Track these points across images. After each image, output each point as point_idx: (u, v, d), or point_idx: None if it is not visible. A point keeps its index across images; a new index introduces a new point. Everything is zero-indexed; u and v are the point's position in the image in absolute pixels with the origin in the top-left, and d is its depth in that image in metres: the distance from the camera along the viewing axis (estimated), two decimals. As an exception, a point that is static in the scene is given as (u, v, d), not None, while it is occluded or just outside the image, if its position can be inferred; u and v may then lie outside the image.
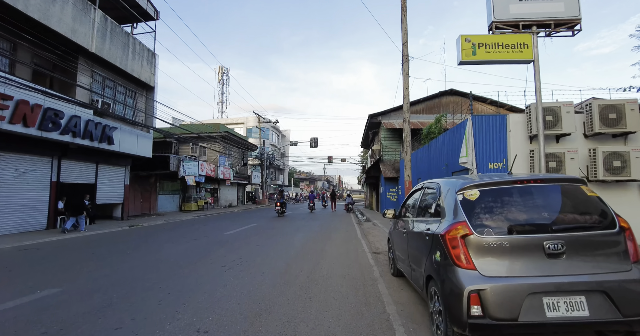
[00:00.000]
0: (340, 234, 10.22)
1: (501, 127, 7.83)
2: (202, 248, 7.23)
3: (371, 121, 21.09)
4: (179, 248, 7.21)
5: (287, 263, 5.83)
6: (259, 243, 7.95)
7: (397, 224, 4.66)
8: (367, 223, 14.77)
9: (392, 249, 5.02)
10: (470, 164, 7.72)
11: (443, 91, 20.11)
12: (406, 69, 10.25)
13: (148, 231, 10.68)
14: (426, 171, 12.44)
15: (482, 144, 7.91)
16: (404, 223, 4.31)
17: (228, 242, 8.14)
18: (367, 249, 7.51)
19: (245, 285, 4.40)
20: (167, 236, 9.47)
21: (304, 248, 7.43)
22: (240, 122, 47.26)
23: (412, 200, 4.31)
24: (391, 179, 18.81)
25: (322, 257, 6.40)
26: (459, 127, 8.64)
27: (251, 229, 10.99)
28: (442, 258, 2.63)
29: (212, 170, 22.97)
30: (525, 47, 6.93)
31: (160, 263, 5.74)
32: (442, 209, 2.94)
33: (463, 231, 2.51)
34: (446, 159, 9.79)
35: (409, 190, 10.28)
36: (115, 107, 14.15)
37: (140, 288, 4.22)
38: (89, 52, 12.09)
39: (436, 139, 10.99)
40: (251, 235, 9.52)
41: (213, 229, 11.21)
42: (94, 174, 13.57)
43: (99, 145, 12.33)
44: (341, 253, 6.84)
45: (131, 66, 14.42)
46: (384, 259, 6.37)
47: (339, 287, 4.40)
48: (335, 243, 8.22)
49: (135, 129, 14.86)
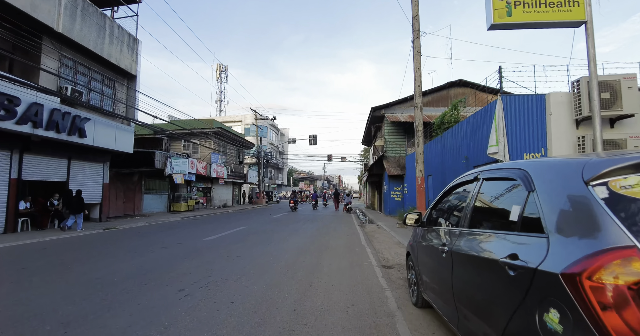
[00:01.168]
0: (340, 240, 8.74)
1: (539, 109, 6.35)
2: (166, 260, 5.76)
3: (374, 115, 19.60)
4: (137, 261, 5.74)
5: (270, 284, 4.36)
6: (241, 254, 6.47)
7: (425, 235, 3.19)
8: (370, 225, 13.30)
9: (414, 269, 3.55)
10: (502, 155, 6.24)
11: (451, 81, 18.60)
12: (417, 46, 8.77)
13: (119, 236, 9.22)
14: (439, 166, 10.95)
15: (515, 131, 6.43)
16: (437, 234, 2.84)
17: (203, 251, 6.67)
18: (374, 260, 6.03)
19: (199, 327, 2.93)
20: (136, 242, 8.01)
21: (295, 260, 5.95)
22: (238, 120, 45.92)
23: (454, 199, 2.84)
24: (396, 177, 17.33)
25: (317, 275, 4.92)
26: (485, 111, 7.16)
27: (237, 234, 9.52)
28: (569, 327, 1.16)
29: (204, 168, 21.50)
30: (575, 4, 5.44)
31: (99, 284, 4.27)
32: (546, 217, 1.47)
33: (633, 270, 1.06)
34: (465, 152, 8.31)
35: (421, 189, 8.80)
36: (89, 97, 12.69)
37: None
38: (55, 32, 10.62)
39: (452, 128, 9.51)
40: (235, 242, 8.04)
41: (194, 233, 9.74)
42: (65, 171, 12.11)
43: (67, 138, 10.87)
44: (342, 268, 5.36)
45: (108, 51, 12.95)
46: (398, 276, 4.89)
47: (339, 331, 2.92)
48: (335, 253, 6.74)
49: (114, 121, 13.40)
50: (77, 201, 10.28)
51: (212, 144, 24.52)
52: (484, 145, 7.18)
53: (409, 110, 18.56)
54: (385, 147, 18.76)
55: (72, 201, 10.24)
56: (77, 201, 10.27)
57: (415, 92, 8.67)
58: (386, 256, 6.44)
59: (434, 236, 2.91)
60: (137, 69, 14.79)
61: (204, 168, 21.60)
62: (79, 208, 10.24)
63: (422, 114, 8.71)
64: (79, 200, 10.35)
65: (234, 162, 29.15)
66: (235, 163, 29.43)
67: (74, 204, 10.18)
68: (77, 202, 10.25)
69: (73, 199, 10.27)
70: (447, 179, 10.20)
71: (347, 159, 39.84)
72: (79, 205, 10.26)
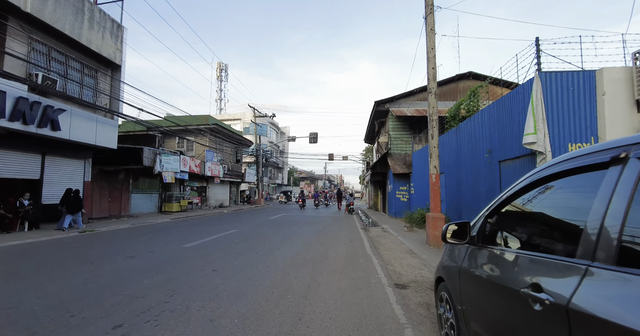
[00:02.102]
0: (341, 247, 7.55)
1: (587, 88, 5.14)
2: (123, 276, 4.59)
3: (377, 109, 18.38)
4: (85, 277, 4.57)
5: (243, 316, 3.18)
6: (219, 266, 5.28)
7: (478, 259, 1.99)
8: (374, 228, 12.10)
9: (451, 305, 2.36)
10: (542, 145, 5.04)
11: (460, 74, 17.34)
12: (430, 22, 7.57)
13: (90, 241, 8.06)
14: (453, 163, 9.74)
15: (557, 117, 5.23)
16: (510, 264, 1.63)
17: (174, 263, 5.50)
18: (383, 276, 4.84)
19: None
20: (102, 249, 6.84)
21: (284, 277, 4.76)
22: (237, 118, 44.89)
23: (548, 201, 1.61)
24: (401, 176, 16.12)
25: (310, 300, 3.74)
26: (515, 94, 5.95)
27: (224, 239, 8.34)
28: None
29: (197, 166, 20.35)
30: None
31: (3, 317, 3.11)
32: None
33: None
34: (489, 144, 7.11)
35: (436, 187, 7.61)
36: (65, 86, 11.55)
37: None
38: (22, 12, 9.48)
39: (469, 119, 8.30)
40: (217, 249, 6.86)
41: (175, 238, 8.57)
42: (39, 168, 10.98)
43: (37, 130, 9.73)
44: (343, 290, 4.17)
45: (87, 36, 11.81)
46: (418, 301, 3.69)
47: None
48: (335, 266, 5.55)
49: (95, 114, 12.25)
50: (75, 200, 10.38)
51: (208, 141, 23.38)
52: (514, 135, 5.99)
53: (416, 104, 17.34)
54: (390, 144, 17.55)
55: (70, 200, 10.28)
56: (75, 200, 10.36)
57: (429, 75, 7.48)
58: (398, 270, 5.25)
59: (501, 264, 1.72)
60: (122, 58, 13.65)
61: (198, 166, 20.45)
62: (77, 207, 10.37)
63: (436, 101, 7.51)
64: (77, 199, 10.47)
65: (231, 161, 28.00)
66: (233, 162, 28.28)
67: (72, 204, 10.24)
68: (75, 201, 10.36)
69: (71, 199, 10.31)
70: (462, 177, 9.00)
71: (348, 158, 38.65)
72: (77, 204, 10.38)
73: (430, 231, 7.35)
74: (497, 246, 1.91)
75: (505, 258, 1.71)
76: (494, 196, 6.94)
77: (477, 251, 2.05)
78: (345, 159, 39.07)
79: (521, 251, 1.62)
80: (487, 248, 1.94)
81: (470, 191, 8.39)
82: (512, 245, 1.81)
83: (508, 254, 1.71)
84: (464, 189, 8.86)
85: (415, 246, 7.43)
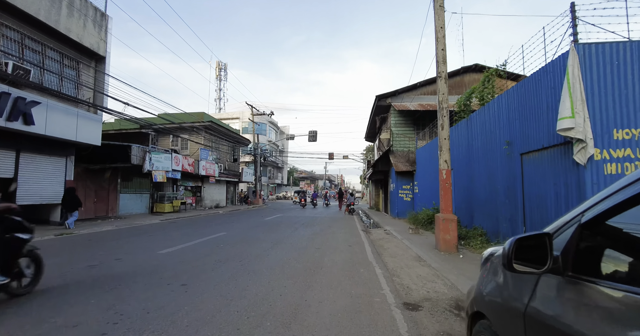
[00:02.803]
0: (339, 253, 6.65)
1: (637, 63, 4.25)
2: (69, 294, 3.71)
3: (378, 104, 17.48)
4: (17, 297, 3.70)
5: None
6: (190, 280, 4.39)
7: (563, 297, 1.10)
8: (376, 229, 11.21)
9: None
10: (581, 131, 4.14)
11: (466, 66, 16.41)
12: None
13: (60, 245, 7.18)
14: (463, 158, 8.85)
15: (597, 98, 4.33)
16: (625, 310, 0.74)
17: (139, 275, 4.62)
18: (389, 292, 3.94)
19: None
20: (65, 257, 5.97)
21: (267, 295, 3.87)
22: (236, 117, 44.06)
23: None
24: (404, 174, 15.22)
25: (293, 331, 2.85)
26: (542, 73, 5.05)
27: (208, 244, 7.44)
28: None
29: (191, 165, 19.48)
30: None
31: None
32: None
33: None
34: (508, 135, 6.21)
35: (447, 185, 6.71)
36: (42, 77, 10.70)
37: None
38: (-12, -7, 8.65)
39: (483, 107, 7.40)
40: (197, 256, 5.97)
41: (155, 242, 7.69)
42: (12, 165, 10.11)
43: (7, 124, 8.89)
44: (339, 313, 3.28)
45: (66, 24, 10.95)
46: (435, 330, 2.80)
47: None
48: (331, 278, 4.66)
49: (76, 108, 11.39)
50: (72, 198, 10.44)
51: (203, 139, 22.51)
52: (542, 121, 5.09)
53: (419, 98, 16.44)
54: (392, 141, 16.65)
55: (66, 199, 10.42)
56: (71, 198, 10.43)
57: (438, 57, 6.59)
58: (406, 283, 4.36)
59: (618, 315, 0.82)
60: (106, 49, 12.78)
61: (191, 165, 19.59)
62: (74, 205, 10.45)
63: (447, 87, 6.63)
64: (73, 198, 10.51)
65: (228, 160, 27.14)
66: (230, 161, 27.42)
67: (68, 202, 10.38)
68: (72, 200, 10.42)
69: (67, 198, 10.43)
70: (475, 173, 8.10)
71: (349, 157, 37.74)
72: (74, 202, 10.45)
73: (441, 235, 6.45)
74: (604, 280, 1.03)
75: (629, 304, 0.82)
76: (514, 195, 6.03)
77: (565, 285, 1.16)
78: (346, 158, 38.20)
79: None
80: (586, 281, 1.06)
81: (483, 190, 7.49)
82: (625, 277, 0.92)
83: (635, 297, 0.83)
84: (476, 187, 7.97)
85: (423, 251, 6.53)
